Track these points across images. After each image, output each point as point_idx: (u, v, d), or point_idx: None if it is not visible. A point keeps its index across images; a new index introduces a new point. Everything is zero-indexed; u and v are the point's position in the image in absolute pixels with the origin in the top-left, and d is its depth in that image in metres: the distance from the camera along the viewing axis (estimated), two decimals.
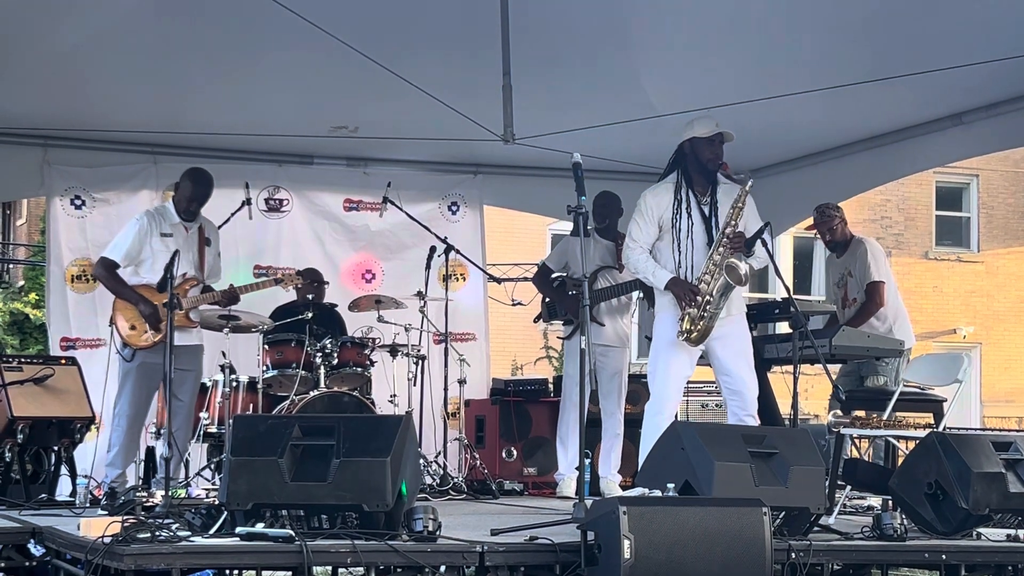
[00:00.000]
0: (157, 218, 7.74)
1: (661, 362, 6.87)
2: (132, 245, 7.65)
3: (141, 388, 7.62)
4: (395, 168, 10.22)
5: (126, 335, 7.58)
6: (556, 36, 7.44)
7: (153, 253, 7.63)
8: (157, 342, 7.49)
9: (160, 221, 7.72)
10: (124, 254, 7.65)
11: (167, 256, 7.44)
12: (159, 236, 7.67)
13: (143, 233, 7.65)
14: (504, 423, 9.65)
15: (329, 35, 6.94)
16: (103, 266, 7.72)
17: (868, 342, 7.69)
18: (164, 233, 7.68)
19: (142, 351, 7.58)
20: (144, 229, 7.66)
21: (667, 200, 6.91)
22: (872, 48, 7.47)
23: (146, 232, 7.65)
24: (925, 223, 24.96)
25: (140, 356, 7.58)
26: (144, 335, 7.55)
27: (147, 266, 7.65)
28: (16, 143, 9.25)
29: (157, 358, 7.43)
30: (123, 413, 7.57)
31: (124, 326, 7.60)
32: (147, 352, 7.57)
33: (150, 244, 7.65)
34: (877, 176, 9.95)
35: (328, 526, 5.03)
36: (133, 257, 7.66)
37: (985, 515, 5.95)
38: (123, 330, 7.60)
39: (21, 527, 5.82)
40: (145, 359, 7.56)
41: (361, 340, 8.87)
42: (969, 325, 24.65)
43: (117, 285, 7.66)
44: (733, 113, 7.54)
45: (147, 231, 7.66)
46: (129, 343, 7.59)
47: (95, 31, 7.24)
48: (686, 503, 5.14)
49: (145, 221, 7.71)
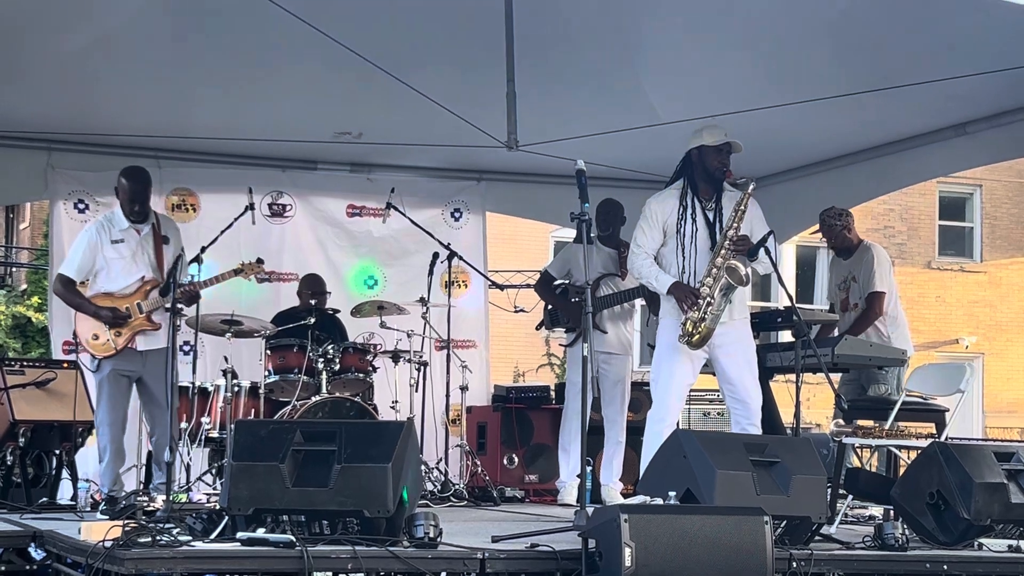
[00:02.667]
0: (106, 226, 7.57)
1: (664, 369, 6.88)
2: (84, 259, 7.52)
3: (115, 396, 7.45)
4: (399, 174, 10.23)
5: (90, 346, 7.44)
6: (560, 43, 7.45)
7: (107, 262, 7.50)
8: (121, 349, 7.40)
9: (109, 229, 7.55)
10: (76, 268, 7.53)
11: (121, 263, 7.47)
12: (110, 244, 7.51)
13: (93, 245, 7.51)
14: (506, 430, 9.65)
15: (334, 41, 6.95)
16: (59, 282, 7.61)
17: (871, 351, 7.68)
18: (115, 240, 7.51)
19: (108, 360, 7.42)
20: (93, 240, 7.51)
21: (672, 206, 6.92)
22: (877, 58, 7.48)
23: (95, 243, 7.51)
24: (928, 233, 24.97)
25: (108, 364, 7.42)
26: (107, 343, 7.41)
27: (103, 276, 7.51)
28: (20, 147, 9.26)
29: (125, 364, 7.42)
30: (103, 422, 7.42)
31: (87, 337, 7.44)
32: (114, 360, 7.42)
33: (102, 254, 7.50)
34: (881, 186, 9.95)
35: (329, 532, 5.03)
36: (87, 270, 7.53)
37: (987, 525, 5.94)
38: (87, 342, 7.45)
39: (22, 531, 5.82)
40: (114, 366, 7.42)
41: (363, 346, 8.87)
42: (972, 335, 24.64)
43: (74, 299, 7.54)
44: (737, 121, 7.55)
45: (96, 242, 7.50)
46: (94, 354, 7.44)
47: (100, 36, 7.25)
48: (687, 511, 5.13)
49: (93, 232, 7.56)
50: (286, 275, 9.84)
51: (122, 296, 7.45)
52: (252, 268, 8.14)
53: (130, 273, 7.49)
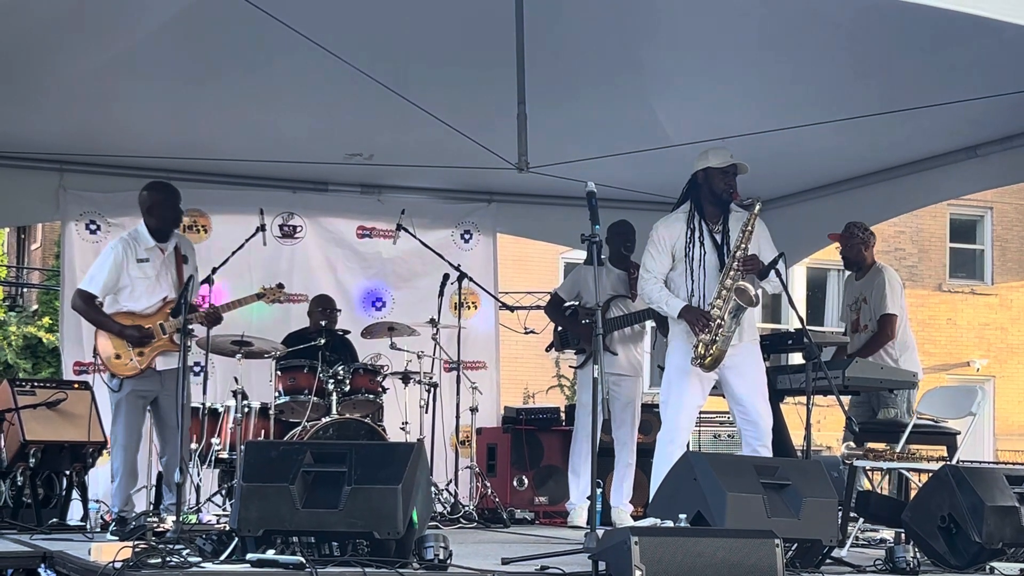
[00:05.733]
0: (132, 244, 7.50)
1: (674, 392, 6.88)
2: (110, 276, 7.43)
3: (132, 416, 7.44)
4: (409, 195, 10.26)
5: (112, 365, 7.39)
6: (571, 65, 7.47)
7: (132, 281, 7.44)
8: (144, 369, 7.39)
9: (135, 247, 7.48)
10: (102, 286, 7.44)
11: (145, 282, 7.42)
12: (135, 262, 7.45)
13: (119, 262, 7.43)
14: (516, 451, 9.64)
15: (345, 63, 6.97)
16: (81, 298, 7.52)
17: (882, 374, 7.67)
18: (140, 259, 7.46)
19: (129, 380, 7.40)
20: (119, 258, 7.43)
21: (679, 230, 6.93)
22: (887, 80, 7.49)
23: (122, 260, 7.43)
24: (939, 255, 24.93)
25: (128, 384, 7.40)
26: (130, 363, 7.38)
27: (126, 294, 7.46)
28: (33, 168, 9.29)
29: (145, 385, 7.41)
30: (119, 444, 7.40)
31: (109, 356, 7.40)
32: (135, 380, 7.40)
33: (128, 272, 7.44)
34: (892, 208, 9.95)
35: (339, 553, 5.02)
36: (111, 287, 7.45)
37: (998, 549, 5.91)
38: (108, 360, 7.40)
39: (32, 551, 5.81)
40: (134, 387, 7.40)
41: (373, 367, 8.88)
42: (983, 358, 24.58)
43: (97, 316, 7.46)
44: (748, 143, 7.56)
45: (123, 259, 7.43)
46: (116, 373, 7.41)
47: (112, 57, 7.28)
48: (698, 534, 5.11)
49: (120, 249, 7.47)
50: (296, 296, 9.84)
51: (144, 316, 7.44)
52: (273, 293, 8.18)
53: (154, 293, 7.47)
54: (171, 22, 6.84)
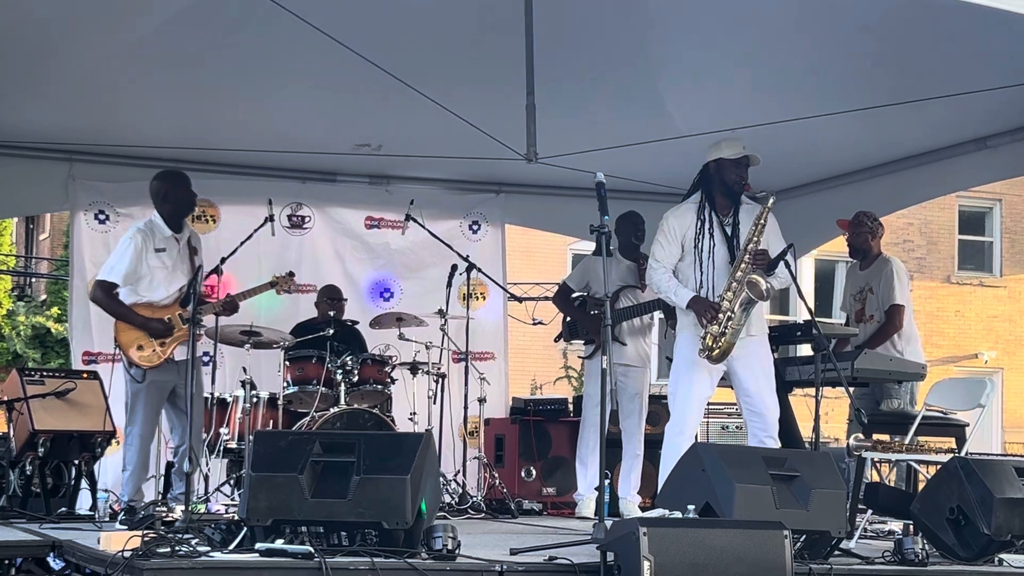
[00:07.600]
0: (149, 234, 7.46)
1: (682, 383, 6.87)
2: (131, 265, 7.39)
3: (151, 407, 7.44)
4: (418, 186, 10.26)
5: (135, 357, 7.38)
6: (581, 56, 7.46)
7: (150, 270, 7.42)
8: (165, 360, 7.41)
9: (153, 237, 7.46)
10: (123, 275, 7.40)
11: (163, 272, 7.41)
12: (154, 252, 7.43)
13: (139, 251, 7.39)
14: (524, 442, 9.64)
15: (354, 53, 6.97)
16: (101, 289, 7.47)
17: (890, 365, 7.66)
18: (158, 248, 7.43)
19: (152, 370, 7.39)
20: (139, 247, 7.40)
21: (690, 220, 6.92)
22: (897, 72, 7.47)
23: (142, 250, 7.40)
24: (948, 247, 24.91)
25: (149, 375, 7.39)
26: (152, 354, 7.38)
27: (145, 284, 7.44)
28: (42, 158, 9.30)
29: (164, 375, 7.41)
30: (136, 434, 7.38)
31: (131, 347, 7.39)
32: (155, 371, 7.40)
33: (146, 262, 7.41)
34: (901, 199, 9.93)
35: (347, 543, 5.02)
36: (131, 277, 7.41)
37: (1007, 541, 5.91)
38: (131, 351, 7.39)
39: (41, 540, 5.83)
40: (154, 378, 7.39)
41: (382, 357, 8.88)
42: (991, 350, 24.56)
43: (118, 307, 7.43)
44: (758, 134, 7.55)
45: (143, 248, 7.40)
46: (139, 364, 7.39)
47: (121, 47, 7.29)
48: (706, 525, 5.12)
49: (140, 239, 7.42)
50: (304, 287, 9.84)
51: (162, 306, 7.44)
52: (285, 281, 8.20)
53: (171, 283, 7.46)
54: (181, 12, 6.85)
